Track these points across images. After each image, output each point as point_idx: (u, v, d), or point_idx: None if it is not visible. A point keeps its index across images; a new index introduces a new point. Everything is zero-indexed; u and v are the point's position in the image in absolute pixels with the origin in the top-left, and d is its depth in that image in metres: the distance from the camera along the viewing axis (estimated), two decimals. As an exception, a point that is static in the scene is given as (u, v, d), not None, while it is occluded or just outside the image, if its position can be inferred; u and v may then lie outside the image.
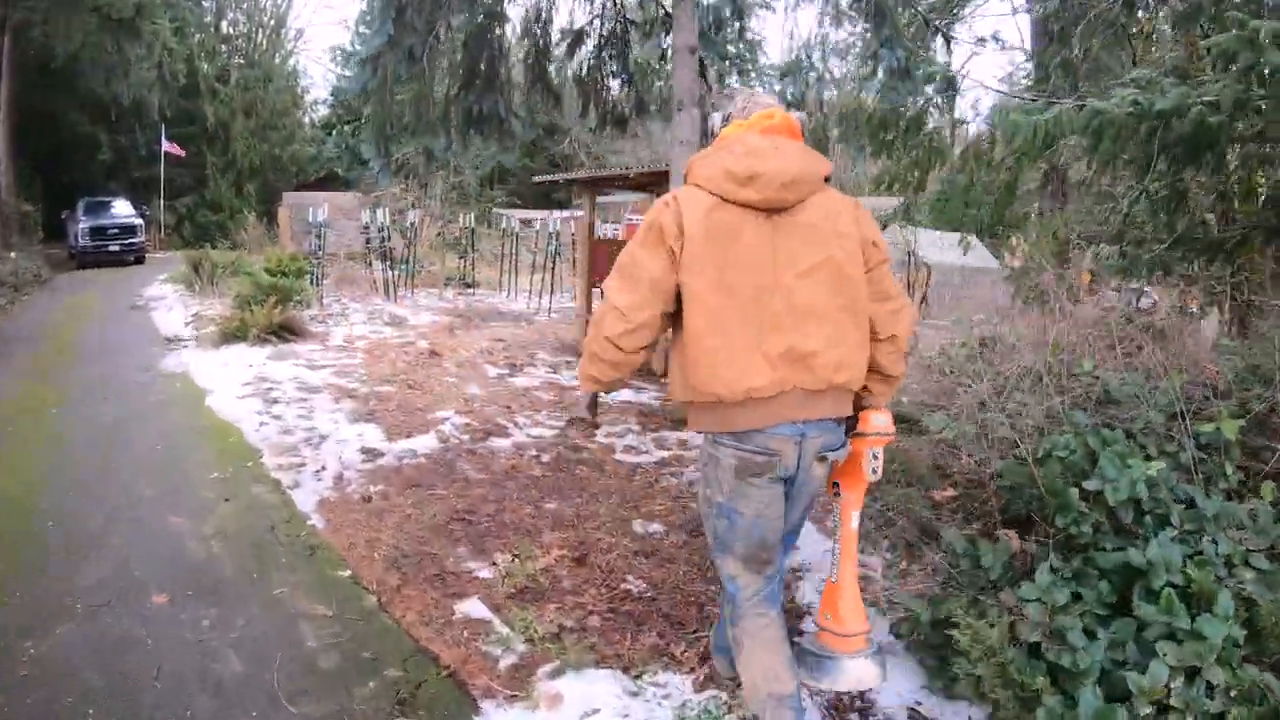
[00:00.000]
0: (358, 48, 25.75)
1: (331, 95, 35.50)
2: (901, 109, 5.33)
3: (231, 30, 32.29)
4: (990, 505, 3.62)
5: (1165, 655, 2.42)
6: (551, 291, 12.78)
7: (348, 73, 33.58)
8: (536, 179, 9.55)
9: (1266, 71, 4.33)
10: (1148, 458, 3.24)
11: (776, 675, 2.39)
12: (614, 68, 7.40)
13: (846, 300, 2.32)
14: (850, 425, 2.50)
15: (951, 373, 6.03)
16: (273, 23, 33.17)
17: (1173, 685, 2.37)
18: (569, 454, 5.42)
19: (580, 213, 18.02)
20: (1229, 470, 3.35)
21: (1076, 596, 2.78)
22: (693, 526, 4.21)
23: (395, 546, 3.83)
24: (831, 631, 2.57)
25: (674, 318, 2.34)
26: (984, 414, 4.24)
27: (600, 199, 25.36)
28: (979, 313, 19.71)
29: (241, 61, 31.30)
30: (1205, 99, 4.49)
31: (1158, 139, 4.66)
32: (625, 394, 7.42)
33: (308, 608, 3.31)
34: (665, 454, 5.64)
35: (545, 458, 5.31)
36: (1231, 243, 6.21)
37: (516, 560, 3.74)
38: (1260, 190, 6.61)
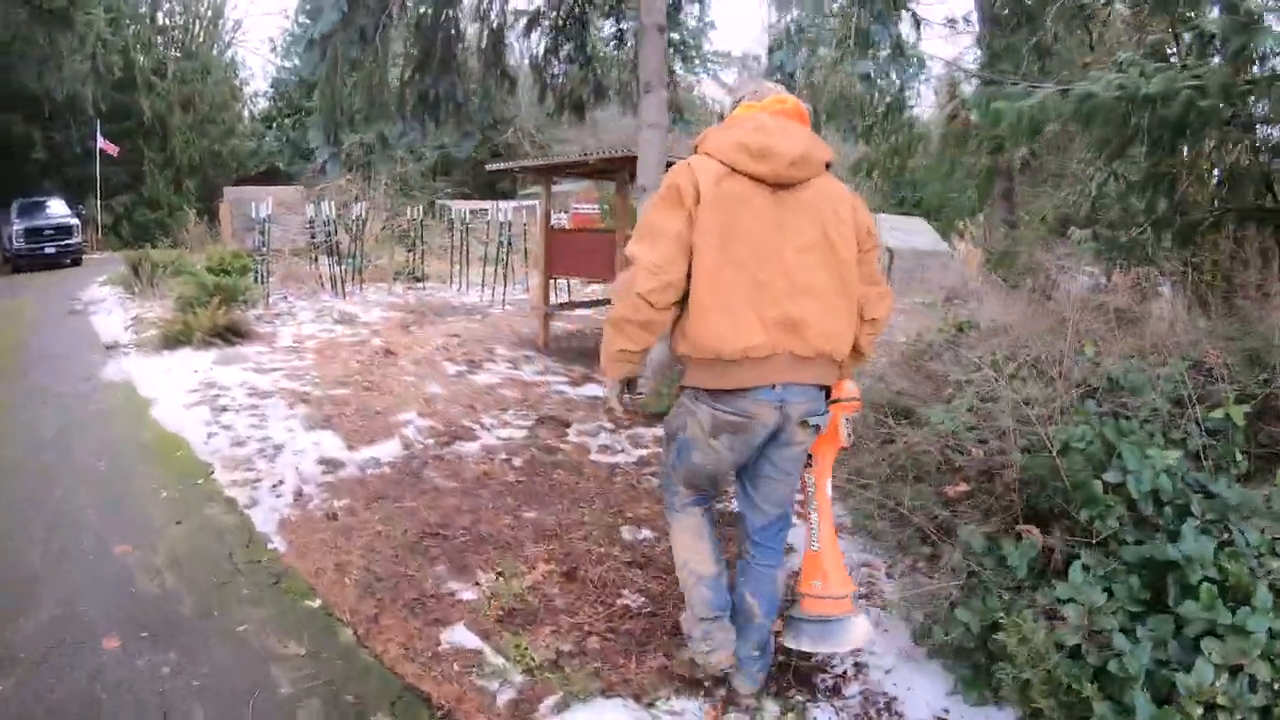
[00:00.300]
0: (300, 32, 25.01)
1: (271, 87, 34.58)
2: (881, 92, 5.15)
3: (167, 21, 31.11)
4: (1011, 500, 3.44)
5: (1211, 654, 2.33)
6: (505, 284, 12.41)
7: (287, 64, 32.72)
8: (491, 167, 9.18)
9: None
10: (1160, 447, 3.12)
11: (700, 557, 2.75)
12: (571, 51, 7.10)
13: (838, 278, 2.49)
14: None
15: (930, 359, 5.91)
16: (210, 13, 32.04)
17: (1218, 683, 2.30)
18: (542, 456, 5.15)
19: (529, 202, 17.73)
20: (1238, 457, 3.26)
21: (1107, 593, 2.64)
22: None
23: (367, 569, 3.53)
24: (823, 597, 2.75)
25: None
26: (986, 405, 4.11)
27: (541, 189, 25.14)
28: (931, 294, 19.85)
29: (178, 54, 30.26)
30: (1190, 83, 4.44)
31: (1146, 123, 4.59)
32: (592, 388, 7.17)
33: (278, 646, 2.99)
34: (643, 452, 5.40)
35: (518, 461, 5.03)
36: (1206, 224, 6.18)
37: (501, 578, 3.48)
38: (1238, 172, 6.59)
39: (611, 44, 7.54)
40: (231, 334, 8.23)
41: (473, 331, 9.53)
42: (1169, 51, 6.14)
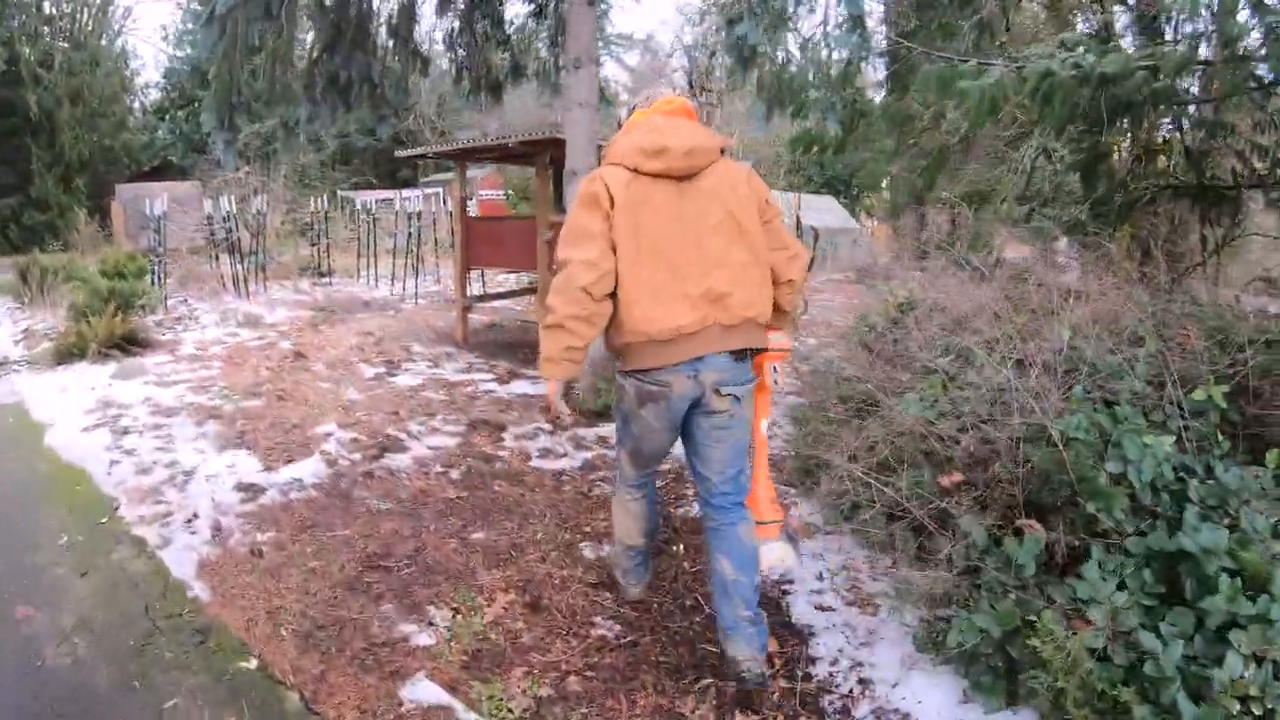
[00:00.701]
0: (199, 10, 23.48)
1: (164, 78, 32.63)
2: (825, 65, 4.94)
3: (55, 10, 28.75)
4: (1008, 492, 3.29)
5: (1240, 645, 2.27)
6: (416, 276, 11.87)
7: (180, 52, 30.96)
8: (403, 153, 8.65)
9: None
10: (1150, 433, 3.03)
11: (630, 533, 3.23)
12: (488, 28, 6.67)
13: (748, 250, 2.78)
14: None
15: (877, 341, 5.76)
16: (99, 0, 29.87)
17: (1246, 673, 2.25)
18: (481, 466, 4.80)
19: (434, 189, 17.09)
20: (1220, 438, 3.21)
21: (1120, 589, 2.57)
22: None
23: (305, 615, 3.14)
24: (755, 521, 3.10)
25: None
26: (962, 393, 3.95)
27: (445, 176, 24.33)
28: (848, 270, 20.00)
29: (66, 44, 28.01)
30: (1143, 64, 4.43)
31: (1102, 102, 4.56)
32: (522, 385, 6.82)
33: (213, 722, 2.59)
34: (588, 455, 5.10)
35: (455, 474, 4.67)
36: (1143, 201, 6.20)
37: (458, 615, 3.16)
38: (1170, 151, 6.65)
39: (530, 21, 7.12)
40: (130, 344, 7.60)
41: (387, 329, 9.03)
42: (1103, 34, 6.15)
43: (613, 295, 2.70)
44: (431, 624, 3.09)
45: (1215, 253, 7.09)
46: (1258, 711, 2.16)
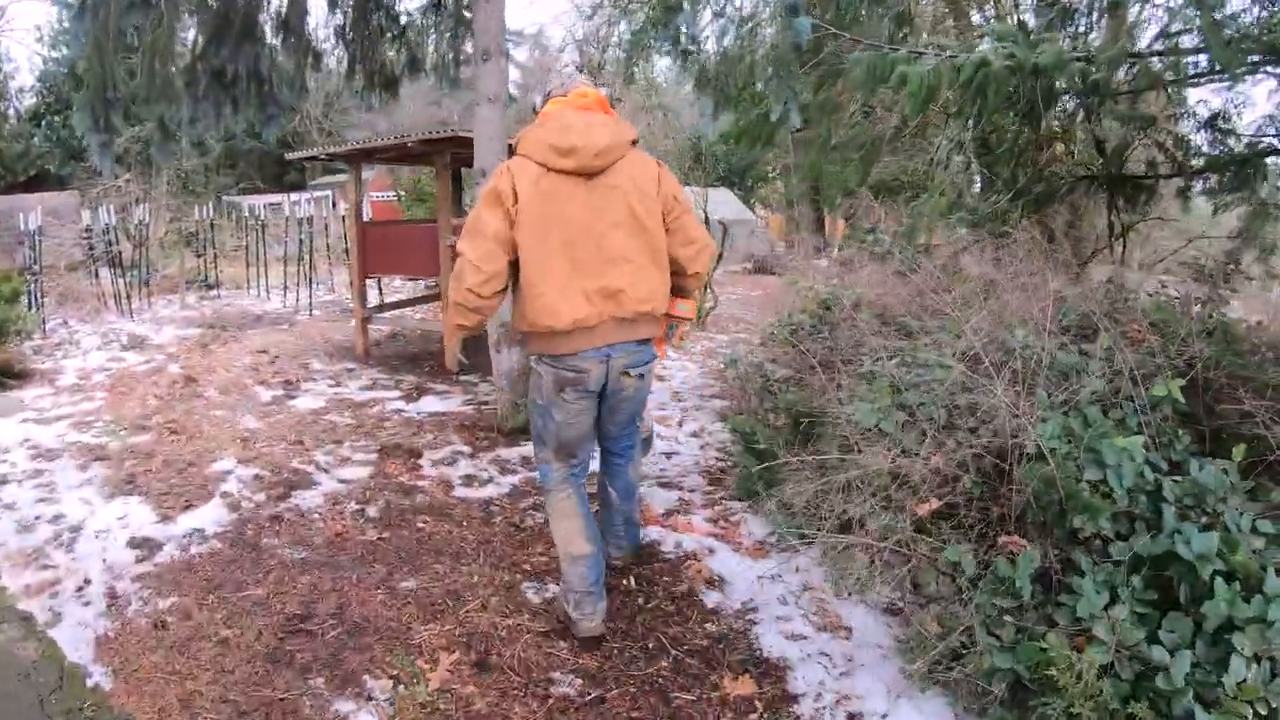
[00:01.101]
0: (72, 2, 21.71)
1: (39, 81, 30.08)
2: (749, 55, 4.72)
3: None
4: (986, 509, 3.14)
5: (1243, 648, 2.23)
6: (309, 285, 11.24)
7: (56, 54, 28.68)
8: (293, 155, 8.08)
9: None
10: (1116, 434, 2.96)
11: (572, 539, 3.15)
12: (383, 20, 6.22)
13: (648, 246, 2.95)
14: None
15: (824, 341, 5.60)
16: None
17: (1249, 676, 2.22)
18: (400, 500, 4.43)
19: (322, 192, 16.30)
20: (1181, 434, 3.21)
21: (1111, 598, 2.50)
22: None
23: (224, 699, 2.75)
24: None
25: (513, 266, 2.89)
26: (913, 397, 3.80)
27: (333, 179, 23.33)
28: (745, 261, 19.96)
29: None
30: (1078, 55, 4.45)
31: (1037, 93, 4.54)
32: (432, 402, 6.42)
33: None
34: (515, 480, 4.78)
35: (373, 511, 4.28)
36: (1062, 192, 6.23)
37: (400, 685, 2.82)
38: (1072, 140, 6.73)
39: (428, 13, 6.68)
40: (6, 376, 6.88)
41: (282, 345, 8.47)
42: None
43: (515, 283, 2.92)
44: (370, 698, 2.75)
45: (1121, 237, 7.22)
46: (1263, 711, 2.13)
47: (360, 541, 3.91)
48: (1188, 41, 5.14)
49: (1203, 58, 5.07)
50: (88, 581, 3.57)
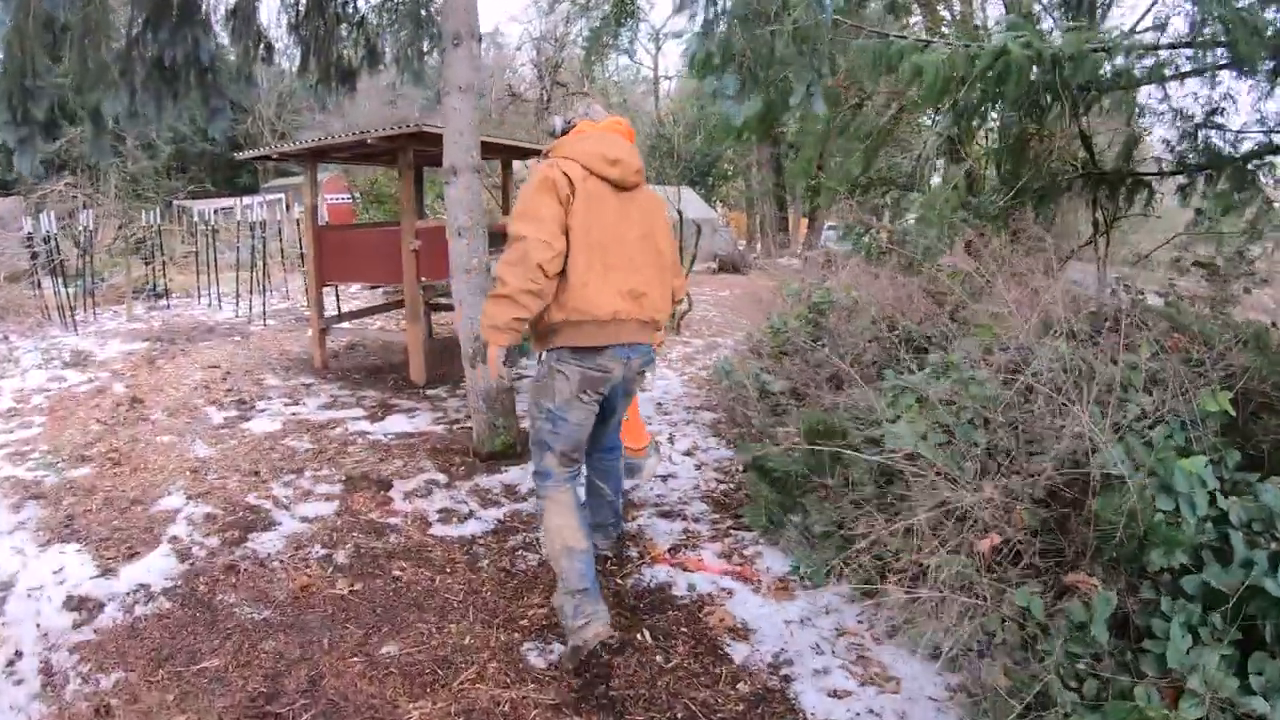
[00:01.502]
0: None
1: None
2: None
3: None
4: (1066, 548, 2.76)
5: None
6: (263, 293, 10.58)
7: None
8: (244, 155, 7.46)
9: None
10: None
11: (572, 533, 3.07)
12: (339, 8, 5.66)
13: (659, 264, 3.19)
14: None
15: (824, 347, 5.22)
16: None
17: None
18: (372, 543, 3.92)
19: (275, 195, 15.58)
20: (1231, 451, 2.90)
21: (1195, 639, 2.29)
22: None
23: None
24: (629, 448, 4.26)
25: None
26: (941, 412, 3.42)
27: (285, 181, 22.51)
28: (709, 259, 19.61)
29: None
30: (1095, 45, 4.14)
31: (1056, 83, 4.22)
32: (399, 421, 5.89)
33: None
34: (498, 513, 4.30)
35: (341, 556, 3.77)
36: (1064, 189, 5.94)
37: (388, 790, 2.31)
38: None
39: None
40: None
41: (235, 359, 7.87)
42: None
43: (561, 275, 2.94)
44: (353, 809, 2.24)
45: (1106, 233, 6.97)
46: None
47: (330, 596, 3.41)
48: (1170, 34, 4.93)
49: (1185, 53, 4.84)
50: (19, 654, 3.02)
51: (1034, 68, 4.19)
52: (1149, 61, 4.85)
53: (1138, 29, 5.21)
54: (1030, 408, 3.42)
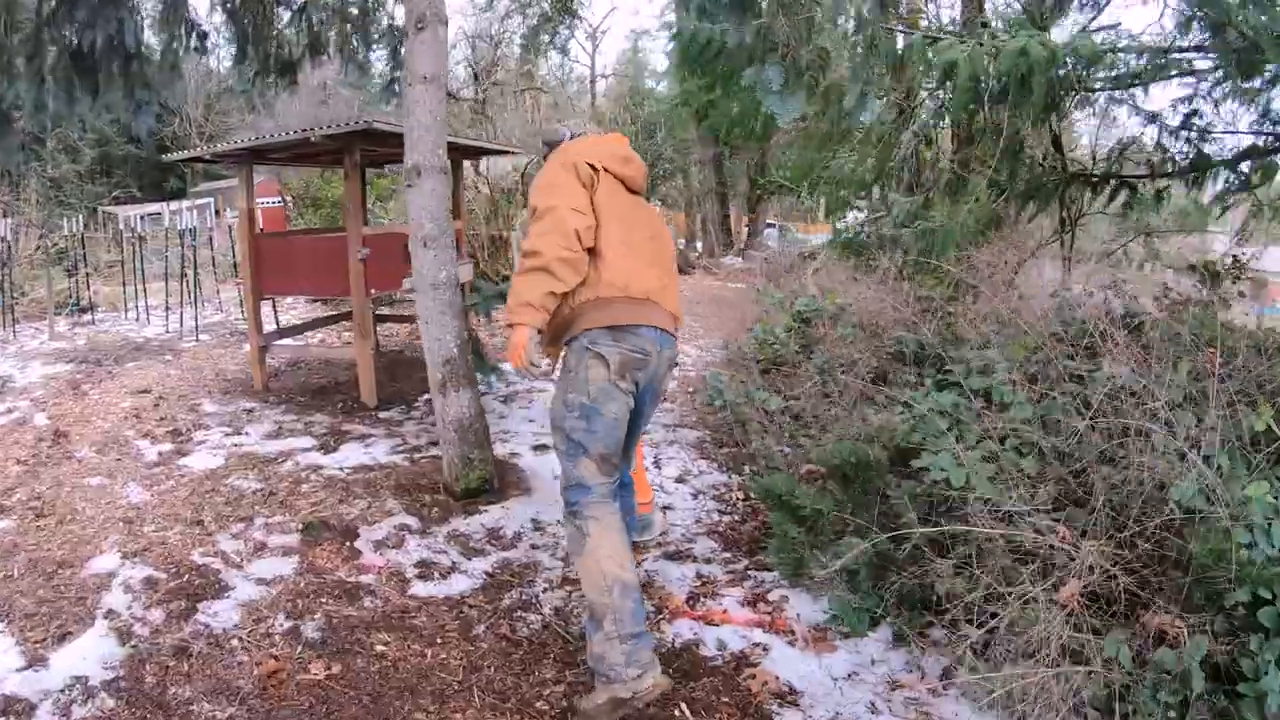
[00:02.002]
0: None
1: None
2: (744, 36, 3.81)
3: None
4: (1166, 586, 2.54)
5: None
6: (195, 306, 9.74)
7: None
8: (174, 157, 6.67)
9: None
10: None
11: (621, 561, 2.60)
12: (280, -8, 5.02)
13: (669, 266, 3.06)
14: None
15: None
16: None
17: None
18: (344, 611, 3.34)
19: (204, 200, 14.58)
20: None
21: None
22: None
23: None
24: (639, 503, 3.80)
25: None
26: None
27: (214, 185, 21.34)
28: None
29: None
30: (1122, 45, 3.97)
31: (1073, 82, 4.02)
32: (354, 452, 5.27)
33: None
34: (486, 565, 3.76)
35: (311, 629, 3.19)
36: (1051, 191, 5.74)
37: None
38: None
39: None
40: None
41: (167, 381, 7.12)
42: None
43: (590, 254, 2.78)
44: None
45: (1071, 230, 6.84)
46: None
47: (305, 684, 2.82)
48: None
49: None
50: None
51: (1051, 68, 3.88)
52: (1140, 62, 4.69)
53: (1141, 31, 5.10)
54: (1081, 435, 3.09)
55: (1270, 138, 5.53)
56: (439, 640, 3.10)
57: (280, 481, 4.74)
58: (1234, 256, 5.74)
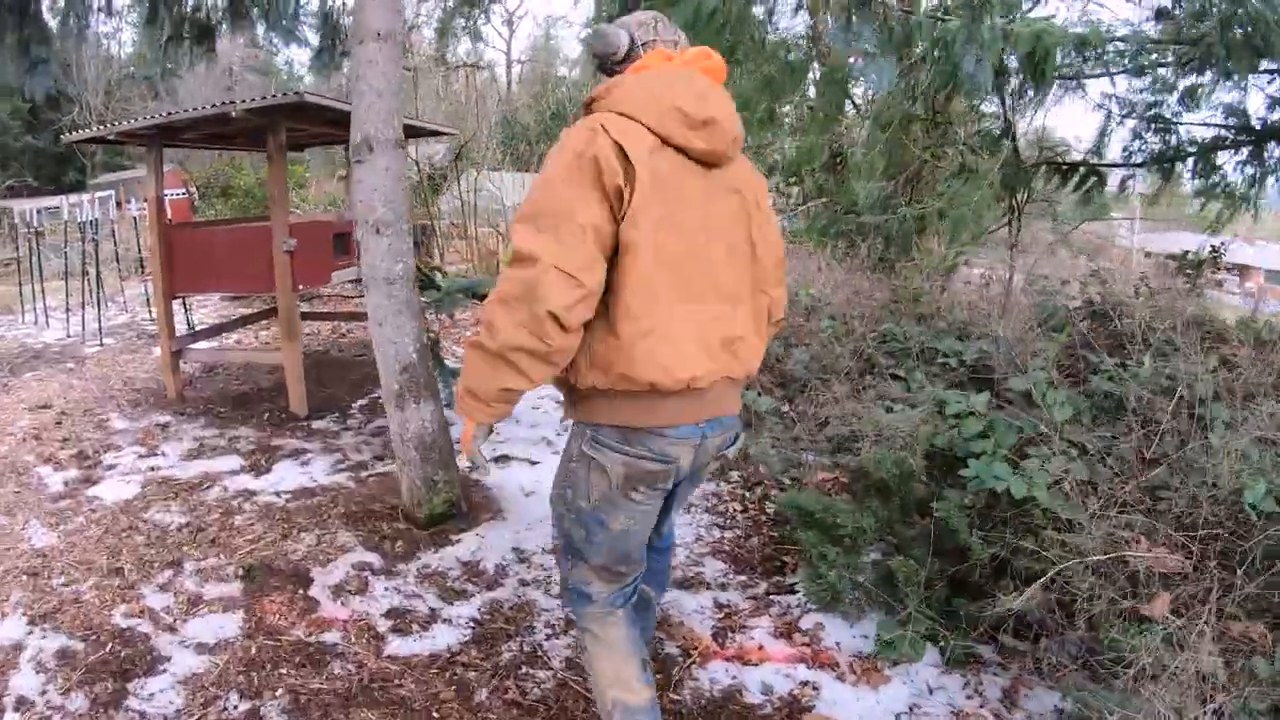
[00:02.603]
0: None
1: None
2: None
3: None
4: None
5: None
6: (98, 306, 8.70)
7: None
8: (74, 137, 5.71)
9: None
10: None
11: (624, 682, 2.02)
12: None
13: (754, 283, 1.98)
14: None
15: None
16: None
17: None
18: (310, 680, 2.72)
19: (104, 192, 13.23)
20: None
21: None
22: None
23: None
24: None
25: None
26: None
27: (116, 176, 19.70)
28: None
29: None
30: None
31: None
32: (290, 472, 4.60)
33: None
34: (472, 610, 3.18)
35: (274, 713, 2.56)
36: (1029, 177, 5.59)
37: None
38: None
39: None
40: None
41: (70, 394, 6.23)
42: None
43: (599, 314, 1.75)
44: None
45: (1018, 218, 6.75)
46: None
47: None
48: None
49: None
50: None
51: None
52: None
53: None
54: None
55: (1232, 130, 5.52)
56: (435, 714, 2.50)
57: (208, 513, 4.02)
58: (1212, 247, 5.68)
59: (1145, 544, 2.46)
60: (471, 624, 3.02)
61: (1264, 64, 4.42)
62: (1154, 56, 4.50)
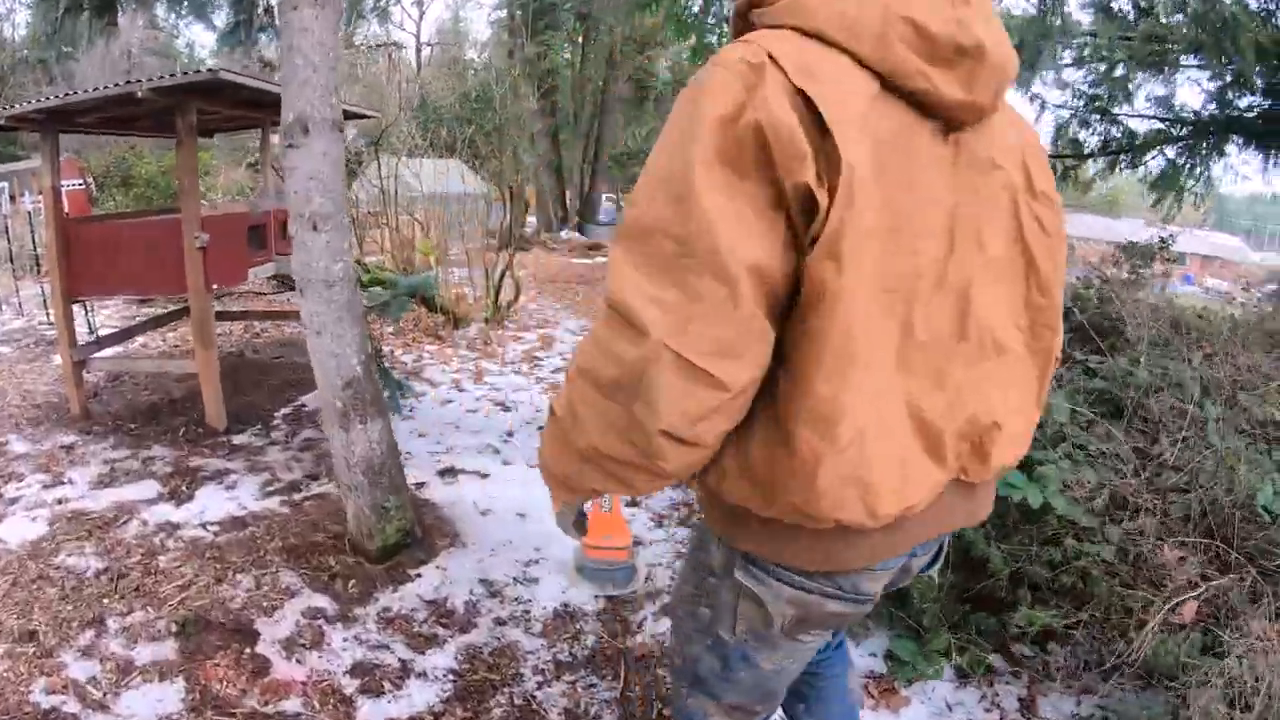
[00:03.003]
0: None
1: None
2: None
3: None
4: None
5: None
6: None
7: None
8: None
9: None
10: None
11: None
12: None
13: (1035, 316, 1.16)
14: None
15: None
16: None
17: None
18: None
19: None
20: None
21: None
22: None
23: None
24: (611, 547, 3.12)
25: None
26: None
27: (7, 168, 18.10)
28: (489, 237, 18.16)
29: None
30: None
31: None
32: (215, 498, 4.15)
33: None
34: (448, 659, 2.82)
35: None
36: None
37: None
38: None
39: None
40: None
41: (-44, 413, 5.49)
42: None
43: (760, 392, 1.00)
44: None
45: None
46: None
47: None
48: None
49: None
50: None
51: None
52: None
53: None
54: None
55: (1171, 123, 5.67)
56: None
57: (128, 555, 3.50)
58: (1160, 238, 5.76)
59: (1167, 549, 2.40)
60: (450, 676, 2.66)
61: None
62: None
